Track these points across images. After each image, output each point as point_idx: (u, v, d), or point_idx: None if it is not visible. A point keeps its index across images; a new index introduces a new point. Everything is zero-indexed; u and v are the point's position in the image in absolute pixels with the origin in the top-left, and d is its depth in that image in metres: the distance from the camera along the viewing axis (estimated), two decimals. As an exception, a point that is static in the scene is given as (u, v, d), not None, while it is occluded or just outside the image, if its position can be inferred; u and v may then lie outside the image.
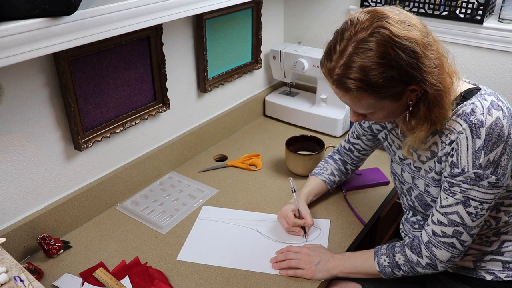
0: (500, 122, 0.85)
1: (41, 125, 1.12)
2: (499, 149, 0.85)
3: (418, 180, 1.04)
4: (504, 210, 0.98)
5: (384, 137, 1.15)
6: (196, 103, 1.60)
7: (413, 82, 0.84)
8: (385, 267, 1.02)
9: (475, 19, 1.47)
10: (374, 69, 0.81)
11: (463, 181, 0.89)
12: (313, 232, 1.22)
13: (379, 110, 0.91)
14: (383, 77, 0.82)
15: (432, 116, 0.88)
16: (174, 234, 1.24)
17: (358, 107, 0.91)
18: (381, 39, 0.81)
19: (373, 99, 0.87)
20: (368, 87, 0.84)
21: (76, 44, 0.93)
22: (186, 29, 1.44)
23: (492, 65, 1.53)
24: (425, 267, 0.98)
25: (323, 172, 1.32)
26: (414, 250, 0.99)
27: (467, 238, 0.93)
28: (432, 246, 0.96)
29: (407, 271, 1.00)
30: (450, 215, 0.92)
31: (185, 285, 1.07)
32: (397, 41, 0.80)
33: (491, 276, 1.01)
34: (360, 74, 0.83)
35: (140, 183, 1.43)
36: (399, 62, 0.81)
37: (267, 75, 1.93)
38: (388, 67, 0.81)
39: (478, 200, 0.89)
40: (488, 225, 1.00)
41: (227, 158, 1.61)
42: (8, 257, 0.81)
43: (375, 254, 1.04)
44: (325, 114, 1.72)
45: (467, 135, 0.86)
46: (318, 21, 1.86)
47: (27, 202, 1.15)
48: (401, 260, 1.00)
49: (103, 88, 1.23)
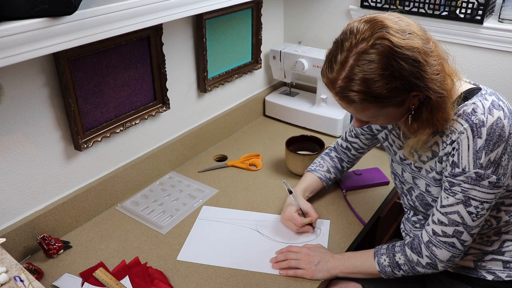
0: (501, 122, 0.85)
1: (41, 125, 1.12)
2: (500, 149, 0.85)
3: (419, 180, 1.04)
4: (505, 210, 0.99)
5: (384, 137, 1.15)
6: (196, 103, 1.60)
7: (415, 89, 0.84)
8: (385, 267, 1.02)
9: (475, 19, 1.47)
10: (377, 81, 0.81)
11: (464, 180, 0.89)
12: (313, 233, 1.23)
13: (382, 117, 0.92)
14: (386, 88, 0.82)
15: (434, 120, 0.89)
16: (174, 234, 1.24)
17: (362, 116, 0.93)
18: (382, 51, 0.80)
19: (377, 108, 0.87)
20: (372, 98, 0.84)
21: (76, 44, 0.93)
22: (186, 29, 1.44)
23: (492, 65, 1.53)
24: (425, 266, 0.98)
25: (319, 169, 1.33)
26: (414, 250, 0.99)
27: (467, 237, 0.93)
28: (432, 245, 0.96)
29: (407, 270, 1.00)
30: (451, 214, 0.92)
31: (185, 285, 1.07)
32: (399, 52, 0.80)
33: (492, 276, 1.01)
34: (363, 86, 0.82)
35: (140, 183, 1.43)
36: (401, 73, 0.81)
37: (267, 75, 1.93)
38: (391, 78, 0.81)
39: (479, 200, 0.89)
40: (489, 225, 1.00)
41: (227, 158, 1.61)
42: (8, 257, 0.81)
43: (375, 254, 1.04)
44: (325, 114, 1.72)
45: (468, 134, 0.86)
46: (318, 21, 1.85)
47: (27, 202, 1.15)
48: (401, 259, 1.00)
49: (103, 88, 1.23)
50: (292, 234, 1.22)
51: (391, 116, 0.92)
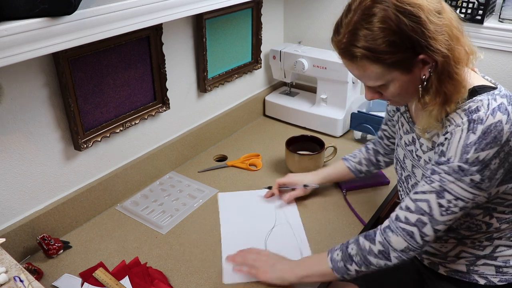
0: (500, 125, 0.82)
1: (41, 125, 1.12)
2: (492, 151, 0.82)
3: (417, 169, 1.02)
4: (497, 217, 0.95)
5: (396, 119, 1.13)
6: (196, 103, 1.60)
7: (419, 49, 0.82)
8: (337, 262, 0.96)
9: (475, 19, 1.46)
10: (376, 34, 0.81)
11: (445, 170, 0.85)
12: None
13: (389, 82, 0.88)
14: (384, 42, 0.81)
15: (443, 89, 0.85)
16: (174, 234, 1.24)
17: (367, 78, 0.89)
18: (385, 6, 0.81)
19: (379, 68, 0.85)
20: (371, 53, 0.83)
21: (75, 44, 0.93)
22: (186, 29, 1.44)
23: (492, 65, 1.53)
24: (377, 255, 0.92)
25: (351, 159, 1.32)
26: (368, 237, 0.95)
27: (429, 232, 0.88)
28: (389, 231, 0.91)
29: (359, 262, 0.94)
30: (420, 202, 0.89)
31: (185, 285, 1.07)
32: (399, 6, 0.80)
33: (484, 280, 0.99)
34: (364, 41, 0.83)
35: (140, 183, 1.43)
36: (400, 27, 0.80)
37: (267, 75, 1.93)
38: (389, 31, 0.81)
39: (454, 195, 0.85)
40: (478, 229, 0.97)
41: (227, 158, 1.61)
42: (8, 257, 0.81)
43: (329, 251, 1.00)
44: (325, 114, 1.72)
45: (463, 128, 0.84)
46: (318, 21, 1.85)
47: (27, 202, 1.15)
48: (353, 250, 0.95)
49: (103, 88, 1.22)
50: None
51: (400, 84, 0.88)
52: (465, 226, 0.97)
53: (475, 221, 0.96)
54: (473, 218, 0.96)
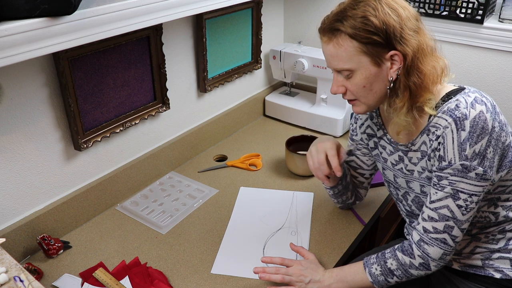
0: (483, 115, 0.87)
1: (40, 125, 1.12)
2: (484, 141, 0.87)
3: (412, 183, 1.04)
4: (502, 205, 0.99)
5: (373, 146, 1.14)
6: (196, 103, 1.60)
7: (393, 43, 0.88)
8: (377, 276, 0.99)
9: (475, 19, 1.47)
10: (362, 15, 0.88)
11: (450, 173, 0.90)
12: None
13: (357, 70, 0.92)
14: (368, 22, 0.88)
15: (411, 83, 0.90)
16: (174, 234, 1.24)
17: (339, 58, 0.93)
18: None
19: (353, 46, 0.90)
20: (352, 30, 0.89)
21: (76, 44, 0.93)
22: (186, 29, 1.44)
23: (492, 65, 1.53)
24: (418, 268, 0.97)
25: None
26: (405, 252, 0.98)
27: (458, 233, 0.93)
28: (424, 244, 0.95)
29: (401, 275, 0.98)
30: (441, 209, 0.92)
31: (185, 285, 1.07)
32: (388, 2, 0.89)
33: (500, 274, 1.01)
34: (351, 19, 0.89)
35: (140, 183, 1.43)
36: (383, 13, 0.88)
37: (267, 75, 1.93)
38: (371, 14, 0.88)
39: (467, 192, 0.89)
40: (488, 221, 1.00)
41: (227, 158, 1.61)
42: (8, 257, 0.81)
43: (365, 265, 1.02)
44: (325, 114, 1.72)
45: (452, 128, 0.88)
46: (318, 21, 1.84)
47: (27, 202, 1.15)
48: (393, 265, 0.98)
49: (103, 88, 1.22)
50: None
51: (366, 75, 0.92)
52: (475, 221, 1.00)
53: (482, 213, 0.99)
54: (479, 211, 0.99)
